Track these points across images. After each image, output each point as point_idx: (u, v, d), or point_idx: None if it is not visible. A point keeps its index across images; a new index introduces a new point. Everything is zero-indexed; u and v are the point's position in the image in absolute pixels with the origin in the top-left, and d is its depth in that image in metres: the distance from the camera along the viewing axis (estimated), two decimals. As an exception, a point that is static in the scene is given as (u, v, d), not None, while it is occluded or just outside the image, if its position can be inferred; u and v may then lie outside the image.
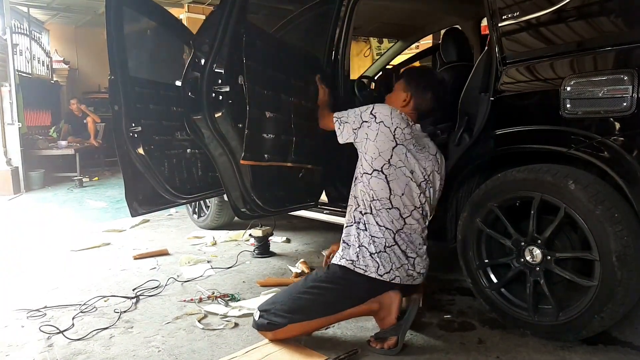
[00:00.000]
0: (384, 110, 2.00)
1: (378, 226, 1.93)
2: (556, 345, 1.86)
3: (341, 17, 2.61)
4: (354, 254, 1.92)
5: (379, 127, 1.96)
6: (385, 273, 1.89)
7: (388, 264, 1.90)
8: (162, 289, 2.57)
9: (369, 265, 1.89)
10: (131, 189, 2.30)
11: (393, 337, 1.85)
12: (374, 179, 1.95)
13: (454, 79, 2.85)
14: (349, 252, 1.94)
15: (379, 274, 1.89)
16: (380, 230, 1.92)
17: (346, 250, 1.95)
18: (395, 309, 1.89)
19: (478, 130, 2.05)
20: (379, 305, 1.91)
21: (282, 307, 1.88)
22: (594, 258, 1.72)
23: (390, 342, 1.85)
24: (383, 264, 1.89)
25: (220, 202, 3.61)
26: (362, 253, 1.91)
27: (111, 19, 2.11)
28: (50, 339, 2.04)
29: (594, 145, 1.72)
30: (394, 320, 1.88)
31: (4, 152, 6.21)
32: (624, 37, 1.70)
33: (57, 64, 9.00)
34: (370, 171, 1.96)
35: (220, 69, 2.06)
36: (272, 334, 1.88)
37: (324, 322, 1.92)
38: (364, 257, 1.90)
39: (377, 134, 1.95)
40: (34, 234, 3.94)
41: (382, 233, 1.92)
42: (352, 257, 1.92)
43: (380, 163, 1.95)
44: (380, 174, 1.94)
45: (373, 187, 1.95)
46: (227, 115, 2.06)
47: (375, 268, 1.89)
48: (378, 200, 1.94)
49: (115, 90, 2.16)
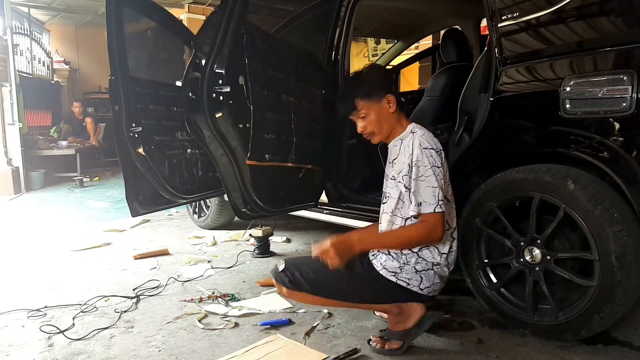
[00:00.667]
0: (429, 139, 1.77)
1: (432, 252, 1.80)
2: (556, 345, 1.86)
3: (341, 17, 2.61)
4: (398, 267, 1.80)
5: (442, 155, 1.78)
6: (426, 288, 1.81)
7: (431, 280, 1.81)
8: (163, 289, 2.58)
9: (412, 279, 1.80)
10: (132, 189, 2.31)
11: (398, 341, 1.84)
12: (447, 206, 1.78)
13: (454, 79, 2.85)
14: (392, 265, 1.81)
15: (420, 289, 1.81)
16: (431, 254, 1.80)
17: (389, 262, 1.81)
18: (414, 320, 1.83)
19: (478, 131, 2.05)
20: (399, 310, 1.85)
21: (309, 275, 1.81)
22: (593, 258, 1.72)
23: (393, 345, 1.83)
24: (428, 279, 1.81)
25: (221, 202, 3.61)
26: (406, 268, 1.80)
27: (111, 20, 2.12)
28: (50, 339, 2.04)
29: (594, 145, 1.72)
30: (409, 326, 1.84)
31: (5, 152, 6.21)
32: (623, 37, 1.70)
33: (58, 64, 9.00)
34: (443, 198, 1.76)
35: (221, 70, 2.06)
36: (287, 291, 1.84)
37: (341, 305, 1.90)
38: (407, 272, 1.80)
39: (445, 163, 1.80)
40: (34, 234, 3.94)
41: (433, 256, 1.80)
42: (395, 269, 1.80)
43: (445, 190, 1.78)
44: (446, 201, 1.78)
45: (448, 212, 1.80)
46: (228, 116, 2.07)
47: (418, 282, 1.80)
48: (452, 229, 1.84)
49: (115, 90, 2.16)
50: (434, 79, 3.02)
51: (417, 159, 1.73)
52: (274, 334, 2.00)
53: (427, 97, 3.02)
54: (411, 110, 3.24)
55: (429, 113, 2.96)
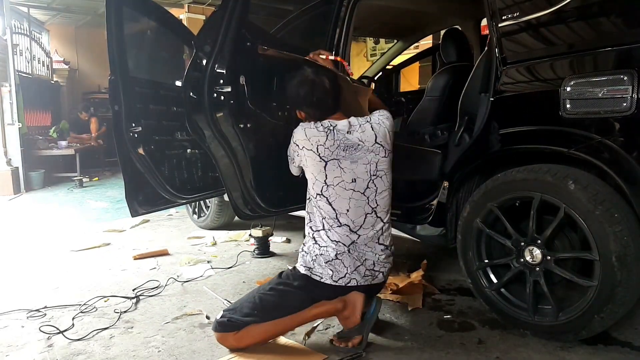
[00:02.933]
0: (299, 134, 1.94)
1: (330, 240, 1.91)
2: (556, 346, 1.86)
3: (341, 18, 2.61)
4: (311, 261, 1.92)
5: (304, 152, 1.92)
6: (340, 278, 1.89)
7: (343, 270, 1.89)
8: (162, 289, 2.57)
9: (324, 273, 1.89)
10: (131, 189, 2.30)
11: (357, 336, 1.87)
12: (320, 201, 1.93)
13: (454, 79, 2.85)
14: (306, 260, 1.94)
15: (334, 280, 1.88)
16: (332, 243, 1.91)
17: (304, 258, 1.95)
18: (359, 308, 1.89)
19: (478, 131, 2.05)
20: (343, 304, 1.91)
21: (246, 305, 1.87)
22: (593, 258, 1.72)
23: (355, 341, 1.87)
24: (338, 270, 1.88)
25: (221, 202, 3.61)
26: (317, 261, 1.91)
27: (111, 19, 2.11)
28: (50, 339, 2.04)
29: (594, 145, 1.72)
30: (358, 319, 1.89)
31: (4, 152, 6.21)
32: (624, 37, 1.70)
33: (57, 64, 9.01)
34: (315, 195, 1.94)
35: (222, 69, 2.06)
36: (234, 336, 1.83)
37: (289, 324, 1.88)
38: (320, 265, 1.90)
39: (307, 159, 1.93)
40: (34, 234, 3.94)
41: (335, 245, 1.90)
42: (309, 264, 1.92)
43: (319, 186, 1.92)
44: (322, 197, 1.92)
45: (321, 207, 1.93)
46: (229, 116, 2.07)
47: (329, 275, 1.88)
48: (329, 218, 1.92)
49: (115, 90, 2.16)
50: (434, 79, 3.02)
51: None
52: (274, 334, 1.99)
53: (427, 97, 3.01)
54: (411, 110, 3.25)
55: (429, 113, 2.96)
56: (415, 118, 3.09)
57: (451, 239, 2.26)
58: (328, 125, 1.94)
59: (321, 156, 1.91)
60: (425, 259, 2.64)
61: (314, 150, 1.91)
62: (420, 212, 2.38)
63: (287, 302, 1.88)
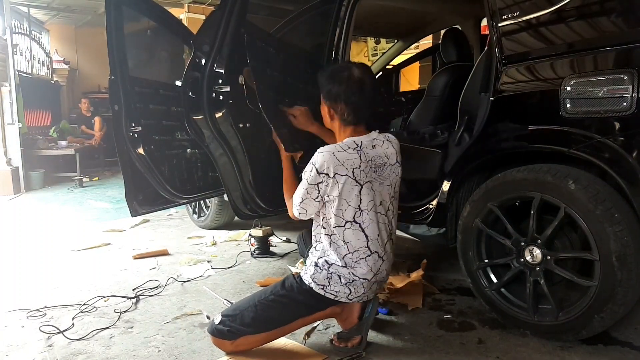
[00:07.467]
0: (327, 161, 1.73)
1: (354, 275, 1.79)
2: (556, 345, 1.86)
3: (341, 17, 2.61)
4: (325, 279, 1.79)
5: (338, 179, 1.73)
6: (355, 297, 1.82)
7: (361, 290, 1.81)
8: (162, 289, 2.57)
9: (340, 292, 1.80)
10: (131, 189, 2.30)
11: (357, 336, 1.87)
12: (347, 231, 1.78)
13: (454, 79, 2.85)
14: (319, 277, 1.80)
15: (349, 299, 1.82)
16: (355, 277, 1.79)
17: (317, 274, 1.80)
18: (357, 310, 1.88)
19: (478, 130, 2.05)
20: (341, 307, 1.88)
21: (247, 314, 1.79)
22: (593, 258, 1.72)
23: (355, 341, 1.86)
24: (356, 291, 1.81)
25: (220, 202, 3.61)
26: (333, 279, 1.79)
27: (111, 19, 2.11)
28: (50, 339, 2.04)
29: (594, 145, 1.72)
30: (356, 320, 1.88)
31: (4, 152, 6.21)
32: (624, 37, 1.70)
33: (57, 64, 9.01)
34: (344, 224, 1.77)
35: (221, 69, 2.06)
36: (231, 344, 1.79)
37: (287, 330, 1.84)
38: (337, 283, 1.79)
39: (342, 186, 1.74)
40: (34, 234, 3.94)
41: (361, 277, 1.80)
42: (323, 282, 1.80)
43: (351, 213, 1.77)
44: (353, 224, 1.77)
45: (348, 240, 1.78)
46: (228, 115, 2.07)
47: (346, 295, 1.80)
48: (356, 252, 1.78)
49: (115, 90, 2.16)
50: (434, 79, 3.02)
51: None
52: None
53: (427, 97, 3.02)
54: (411, 110, 3.25)
55: (429, 113, 2.96)
56: (415, 118, 3.09)
57: (451, 239, 2.26)
58: (354, 145, 1.78)
59: (357, 179, 1.75)
60: (425, 258, 2.64)
61: (350, 175, 1.74)
62: (420, 212, 2.38)
63: (288, 315, 1.82)
